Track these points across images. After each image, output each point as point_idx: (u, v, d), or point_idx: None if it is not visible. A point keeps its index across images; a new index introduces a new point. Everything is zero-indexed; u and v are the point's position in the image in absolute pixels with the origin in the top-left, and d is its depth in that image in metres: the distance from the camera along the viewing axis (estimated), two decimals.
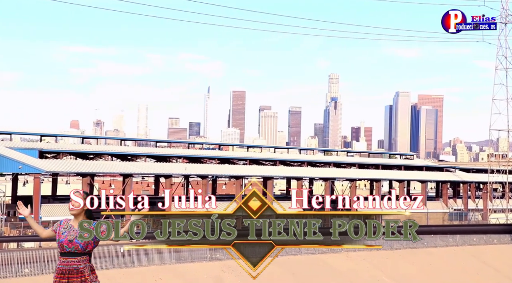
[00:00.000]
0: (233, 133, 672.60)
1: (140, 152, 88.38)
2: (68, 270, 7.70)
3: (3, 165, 70.58)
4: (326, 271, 58.42)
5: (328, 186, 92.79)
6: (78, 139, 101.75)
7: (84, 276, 7.78)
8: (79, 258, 7.75)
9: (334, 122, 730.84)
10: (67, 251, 7.71)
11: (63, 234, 7.74)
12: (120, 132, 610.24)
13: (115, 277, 49.69)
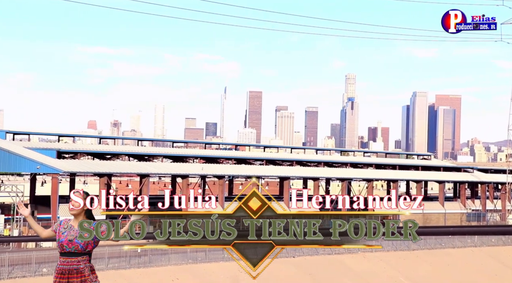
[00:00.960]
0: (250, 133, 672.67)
1: (157, 152, 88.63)
2: (68, 270, 7.65)
3: (21, 165, 71.08)
4: (343, 271, 58.23)
5: (345, 186, 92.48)
6: (96, 140, 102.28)
7: (84, 276, 7.69)
8: (79, 258, 7.68)
9: (351, 122, 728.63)
10: (67, 251, 7.68)
11: (63, 234, 7.72)
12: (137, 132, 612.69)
13: (132, 277, 49.87)
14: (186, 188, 78.74)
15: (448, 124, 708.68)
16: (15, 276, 46.26)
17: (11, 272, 46.24)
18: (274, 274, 54.48)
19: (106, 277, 48.86)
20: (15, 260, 47.10)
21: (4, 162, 70.67)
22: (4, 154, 70.10)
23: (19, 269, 46.98)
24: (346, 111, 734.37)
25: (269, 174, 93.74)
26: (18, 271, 46.79)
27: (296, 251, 60.48)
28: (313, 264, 58.66)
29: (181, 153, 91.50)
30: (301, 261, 58.83)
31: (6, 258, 46.33)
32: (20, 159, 69.84)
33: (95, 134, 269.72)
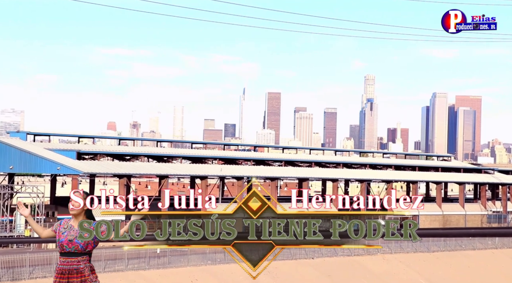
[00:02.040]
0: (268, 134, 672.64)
1: (176, 154, 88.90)
2: (68, 270, 7.61)
3: (42, 166, 71.65)
4: (362, 273, 58.02)
5: (363, 187, 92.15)
6: (115, 141, 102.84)
7: (84, 276, 7.64)
8: (79, 258, 7.64)
9: (370, 123, 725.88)
10: (67, 251, 7.63)
11: (63, 234, 7.68)
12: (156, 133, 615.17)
13: (152, 278, 50.07)
14: (205, 189, 78.92)
15: (469, 125, 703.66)
16: (36, 276, 46.63)
17: (32, 272, 46.63)
18: (293, 276, 54.46)
19: (126, 277, 49.12)
20: (35, 261, 47.48)
21: (25, 163, 71.29)
22: (25, 155, 70.72)
23: (40, 269, 47.35)
24: (365, 112, 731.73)
25: (288, 175, 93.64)
26: (39, 272, 47.16)
27: (315, 253, 60.37)
28: (332, 265, 58.50)
29: (200, 154, 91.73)
30: (320, 263, 58.71)
31: (27, 259, 46.72)
32: (40, 160, 70.42)
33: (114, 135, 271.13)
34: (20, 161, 71.12)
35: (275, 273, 54.26)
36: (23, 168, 72.83)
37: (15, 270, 45.82)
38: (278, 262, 56.39)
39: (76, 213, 7.75)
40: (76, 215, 7.77)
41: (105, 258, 50.24)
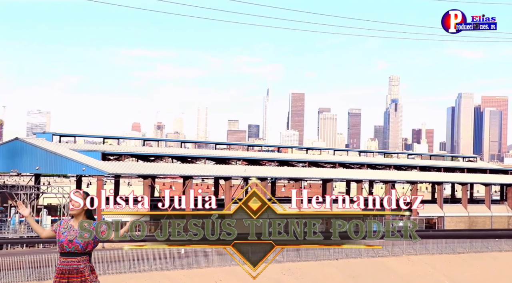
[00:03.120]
0: (292, 135, 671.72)
1: (200, 154, 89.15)
2: (68, 270, 7.61)
3: (67, 167, 72.27)
4: (386, 274, 57.67)
5: (388, 188, 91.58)
6: (140, 142, 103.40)
7: (84, 276, 7.64)
8: (79, 258, 7.65)
9: (395, 124, 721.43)
10: (67, 251, 7.63)
11: (63, 234, 7.68)
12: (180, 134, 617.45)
13: (176, 278, 50.25)
14: (229, 190, 79.04)
15: (495, 126, 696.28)
16: None
17: None
18: (317, 277, 54.29)
19: (151, 278, 49.36)
20: None
21: (51, 164, 71.96)
22: (51, 156, 71.39)
23: None
24: (390, 112, 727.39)
25: (312, 176, 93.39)
26: None
27: (339, 254, 60.16)
28: (356, 266, 58.24)
29: (224, 155, 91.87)
30: (344, 264, 58.48)
31: (53, 259, 47.13)
32: (66, 161, 71.03)
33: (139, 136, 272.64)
34: (46, 162, 71.81)
35: (298, 274, 54.20)
36: (49, 168, 73.52)
37: (41, 269, 46.26)
38: (302, 263, 56.29)
39: (76, 213, 7.76)
40: (76, 215, 7.76)
41: (130, 258, 50.56)
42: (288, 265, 55.53)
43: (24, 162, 72.93)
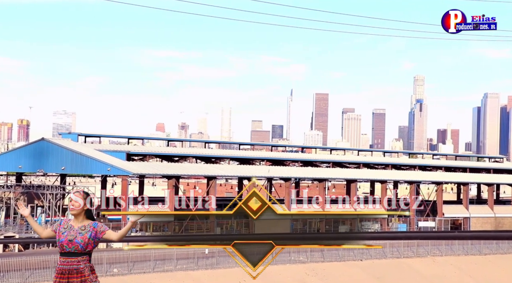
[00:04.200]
0: (316, 135, 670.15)
1: (223, 155, 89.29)
2: (68, 270, 7.60)
3: (92, 167, 72.81)
4: (411, 275, 57.28)
5: (413, 189, 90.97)
6: (164, 142, 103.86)
7: (84, 276, 7.63)
8: (79, 258, 7.63)
9: (420, 124, 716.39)
10: (67, 251, 7.63)
11: (63, 234, 7.67)
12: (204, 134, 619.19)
13: (200, 278, 50.38)
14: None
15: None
16: None
17: None
18: (341, 277, 54.08)
19: (175, 278, 49.55)
20: None
21: (77, 164, 72.55)
22: (77, 156, 71.98)
23: None
24: (415, 113, 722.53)
25: (336, 176, 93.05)
26: None
27: (364, 254, 59.86)
28: (381, 267, 57.91)
29: (248, 155, 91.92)
30: (369, 264, 58.20)
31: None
32: (91, 161, 71.57)
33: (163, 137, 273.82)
34: (71, 162, 72.41)
35: (322, 274, 54.04)
36: (74, 169, 74.12)
37: None
38: (326, 264, 56.13)
39: (76, 213, 7.75)
40: (76, 215, 7.76)
41: (154, 258, 50.81)
42: (312, 265, 55.41)
43: (50, 162, 73.60)
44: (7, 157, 79.96)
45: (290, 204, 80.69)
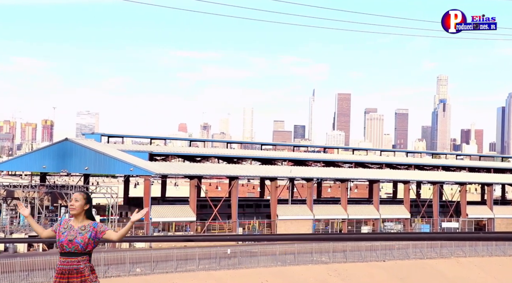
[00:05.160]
0: (338, 135, 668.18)
1: (245, 155, 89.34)
2: (68, 270, 7.56)
3: (115, 167, 73.23)
4: (434, 276, 56.85)
5: (436, 190, 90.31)
6: (186, 142, 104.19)
7: (84, 276, 7.57)
8: (79, 258, 7.59)
9: (443, 125, 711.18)
10: (67, 251, 7.59)
11: (63, 234, 7.64)
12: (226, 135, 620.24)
13: (222, 278, 50.43)
14: (275, 190, 79.00)
15: None
16: (111, 275, 47.69)
17: (106, 271, 47.72)
18: (364, 278, 53.82)
19: (197, 277, 49.65)
20: (110, 260, 48.57)
21: (100, 164, 73.02)
22: (100, 156, 72.44)
23: (114, 268, 48.41)
24: (438, 113, 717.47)
25: (358, 177, 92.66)
26: (113, 271, 48.22)
27: (387, 255, 59.54)
28: (404, 268, 57.55)
29: (270, 155, 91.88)
30: (391, 265, 57.87)
31: (102, 258, 47.83)
32: (114, 161, 71.99)
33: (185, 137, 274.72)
34: (95, 162, 72.89)
35: (345, 275, 53.84)
36: (97, 169, 74.60)
37: None
38: (348, 264, 55.91)
39: (76, 213, 7.73)
40: (76, 215, 7.74)
41: (176, 258, 50.97)
42: (335, 266, 55.21)
43: (74, 162, 74.16)
44: (31, 157, 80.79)
45: (312, 205, 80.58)
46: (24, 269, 44.60)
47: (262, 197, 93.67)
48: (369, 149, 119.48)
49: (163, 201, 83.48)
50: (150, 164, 74.20)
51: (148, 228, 68.17)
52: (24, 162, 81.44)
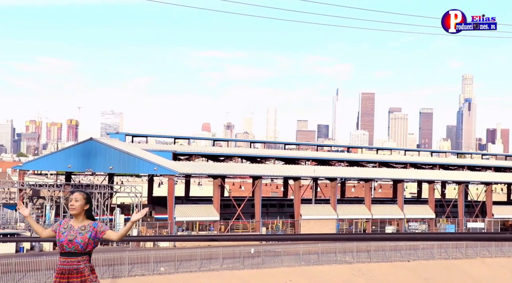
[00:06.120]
0: (362, 135, 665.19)
1: (269, 154, 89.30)
2: (68, 270, 7.55)
3: (140, 166, 73.62)
4: (460, 277, 56.34)
5: (461, 189, 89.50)
6: (210, 142, 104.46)
7: (84, 276, 7.56)
8: (79, 258, 7.58)
9: (468, 124, 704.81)
10: (67, 251, 7.58)
11: (63, 234, 7.63)
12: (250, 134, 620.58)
13: (246, 277, 50.44)
14: (298, 190, 78.85)
15: None
16: (135, 274, 47.96)
17: (131, 270, 47.99)
18: (388, 278, 53.51)
19: (221, 277, 49.72)
20: (134, 259, 48.85)
21: (124, 164, 73.47)
22: (124, 156, 72.89)
23: (139, 267, 48.66)
24: (463, 112, 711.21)
25: (382, 176, 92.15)
26: (138, 269, 48.48)
27: (411, 255, 59.14)
28: (429, 268, 57.13)
29: (293, 155, 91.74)
30: (416, 265, 57.47)
31: (126, 257, 48.12)
32: (138, 161, 72.37)
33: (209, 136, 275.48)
34: (119, 162, 73.35)
35: (369, 275, 53.58)
36: (122, 168, 75.08)
37: (115, 267, 47.27)
38: (373, 264, 55.62)
39: (76, 213, 7.72)
40: (76, 215, 7.74)
41: (200, 257, 51.08)
42: (359, 266, 54.96)
43: (99, 162, 74.72)
44: (57, 156, 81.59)
45: (335, 204, 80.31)
46: (49, 268, 44.98)
47: (285, 197, 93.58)
48: (393, 149, 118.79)
49: (186, 200, 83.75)
50: (174, 163, 74.48)
51: (172, 227, 68.44)
52: (49, 162, 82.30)
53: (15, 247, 56.69)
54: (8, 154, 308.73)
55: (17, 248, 57.07)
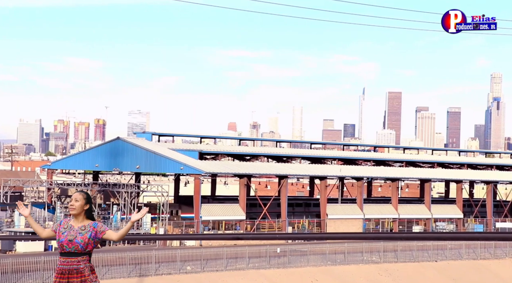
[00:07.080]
0: (389, 134, 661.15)
1: (295, 154, 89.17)
2: (68, 270, 7.56)
3: (166, 166, 74.00)
4: (488, 277, 55.75)
5: (490, 189, 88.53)
6: (235, 141, 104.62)
7: (84, 276, 7.57)
8: (79, 258, 7.59)
9: (497, 123, 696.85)
10: (67, 251, 7.59)
11: (63, 234, 7.64)
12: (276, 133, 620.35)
13: (272, 277, 50.46)
14: (324, 189, 78.64)
15: None
16: (161, 273, 48.22)
17: (157, 269, 48.26)
18: (415, 278, 53.14)
19: (247, 276, 49.78)
20: (161, 258, 49.10)
21: (151, 163, 73.91)
22: (151, 155, 73.31)
23: (165, 266, 48.91)
24: (492, 111, 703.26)
25: (409, 176, 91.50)
26: (164, 268, 48.73)
27: (439, 255, 58.65)
28: (457, 268, 56.61)
29: (319, 154, 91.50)
30: (444, 266, 56.98)
31: (153, 256, 48.39)
32: (165, 160, 72.75)
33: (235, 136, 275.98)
34: (146, 161, 73.80)
35: (396, 275, 53.25)
36: (148, 167, 75.52)
37: (142, 266, 47.57)
38: (400, 264, 55.26)
39: (76, 213, 7.73)
40: (76, 215, 7.75)
41: (226, 256, 51.18)
42: (385, 266, 54.65)
43: (125, 161, 75.24)
44: (84, 156, 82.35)
45: (362, 204, 79.96)
46: None
47: (311, 196, 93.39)
48: (420, 148, 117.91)
49: (213, 199, 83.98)
50: (200, 163, 74.73)
51: (198, 227, 68.70)
52: (77, 161, 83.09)
53: (43, 245, 57.36)
54: (37, 153, 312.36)
55: (45, 247, 57.74)
